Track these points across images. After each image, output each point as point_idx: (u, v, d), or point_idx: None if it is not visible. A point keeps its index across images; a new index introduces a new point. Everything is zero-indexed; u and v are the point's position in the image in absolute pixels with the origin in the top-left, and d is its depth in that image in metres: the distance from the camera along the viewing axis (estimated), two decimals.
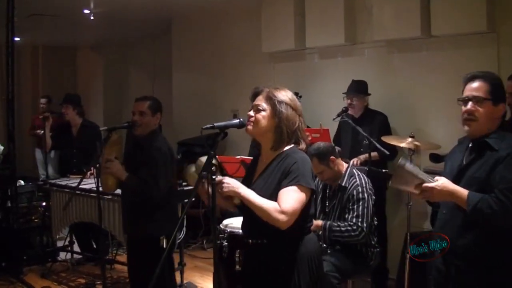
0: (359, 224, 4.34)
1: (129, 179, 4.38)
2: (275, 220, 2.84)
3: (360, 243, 4.51)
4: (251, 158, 5.80)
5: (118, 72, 12.74)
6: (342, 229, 4.35)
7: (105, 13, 8.32)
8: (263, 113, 3.07)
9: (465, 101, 3.01)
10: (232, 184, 2.91)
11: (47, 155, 7.92)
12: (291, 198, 2.89)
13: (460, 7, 5.42)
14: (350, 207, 4.44)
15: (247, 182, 3.16)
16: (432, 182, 2.89)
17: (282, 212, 2.84)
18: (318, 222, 4.40)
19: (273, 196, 2.92)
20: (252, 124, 3.09)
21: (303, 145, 3.10)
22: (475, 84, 3.00)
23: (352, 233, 4.32)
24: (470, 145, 3.07)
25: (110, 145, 4.39)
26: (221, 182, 2.91)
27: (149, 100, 4.62)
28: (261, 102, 3.11)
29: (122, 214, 4.83)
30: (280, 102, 3.06)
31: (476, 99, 2.96)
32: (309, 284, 3.02)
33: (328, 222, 4.43)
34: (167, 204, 4.53)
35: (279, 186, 2.95)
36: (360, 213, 4.39)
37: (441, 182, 2.89)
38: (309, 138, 3.22)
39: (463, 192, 2.85)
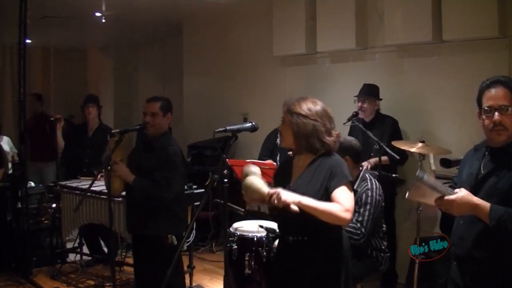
0: (362, 229, 4.33)
1: (136, 182, 4.38)
2: (342, 219, 3.05)
3: (371, 248, 4.51)
4: (261, 161, 5.85)
5: (128, 74, 12.77)
6: (347, 228, 4.33)
7: (116, 16, 8.36)
8: (284, 125, 3.29)
9: (490, 110, 2.83)
10: (288, 195, 3.01)
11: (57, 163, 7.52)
12: (348, 196, 3.11)
13: (471, 12, 5.40)
14: (356, 210, 4.43)
15: (283, 183, 3.28)
16: (452, 194, 2.75)
17: (347, 211, 3.03)
18: None
19: (317, 196, 3.08)
20: (281, 138, 3.36)
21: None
22: (498, 92, 2.82)
23: (355, 236, 4.31)
24: (486, 153, 2.95)
25: (116, 154, 4.38)
26: (276, 194, 3.00)
27: (160, 100, 4.62)
28: (283, 115, 3.30)
29: (127, 212, 4.79)
30: (292, 113, 3.24)
31: (502, 108, 2.79)
32: (348, 277, 3.29)
33: None
34: (173, 206, 4.53)
35: (323, 187, 3.14)
36: (364, 218, 4.37)
37: (462, 194, 2.73)
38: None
39: (485, 205, 2.71)
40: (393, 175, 5.50)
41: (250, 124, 3.19)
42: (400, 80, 6.29)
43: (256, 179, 3.11)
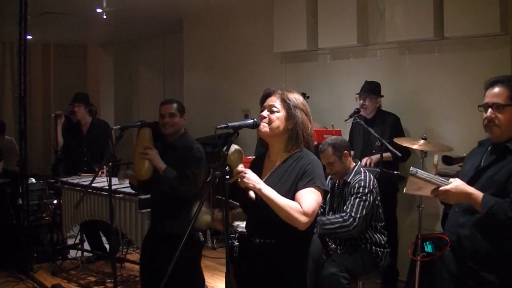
0: (352, 214, 4.31)
1: (168, 171, 4.36)
2: (296, 221, 2.84)
3: (370, 243, 4.51)
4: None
5: (128, 70, 12.78)
6: (333, 221, 4.32)
7: (117, 12, 8.35)
8: (277, 114, 3.08)
9: (485, 107, 3.01)
10: (253, 178, 2.89)
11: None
12: (311, 199, 2.90)
13: (473, 9, 5.40)
14: (347, 198, 4.45)
15: None
16: (446, 184, 2.90)
17: (304, 214, 2.84)
18: None
19: (287, 196, 2.90)
20: (266, 125, 3.08)
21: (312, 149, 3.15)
22: (496, 90, 2.99)
23: (343, 224, 4.29)
24: (489, 147, 3.09)
25: (147, 140, 4.42)
26: (242, 173, 2.89)
27: (175, 102, 4.77)
28: (275, 102, 3.11)
29: (154, 209, 4.71)
30: (295, 106, 3.07)
31: (496, 105, 2.96)
32: (314, 283, 3.06)
33: (319, 217, 4.40)
34: (193, 202, 4.52)
35: (294, 186, 2.95)
36: (354, 204, 4.37)
37: (455, 184, 2.89)
38: (315, 143, 3.24)
39: (478, 194, 2.85)
40: (395, 172, 5.50)
41: (252, 120, 3.13)
42: (402, 77, 6.28)
43: (240, 155, 3.02)
